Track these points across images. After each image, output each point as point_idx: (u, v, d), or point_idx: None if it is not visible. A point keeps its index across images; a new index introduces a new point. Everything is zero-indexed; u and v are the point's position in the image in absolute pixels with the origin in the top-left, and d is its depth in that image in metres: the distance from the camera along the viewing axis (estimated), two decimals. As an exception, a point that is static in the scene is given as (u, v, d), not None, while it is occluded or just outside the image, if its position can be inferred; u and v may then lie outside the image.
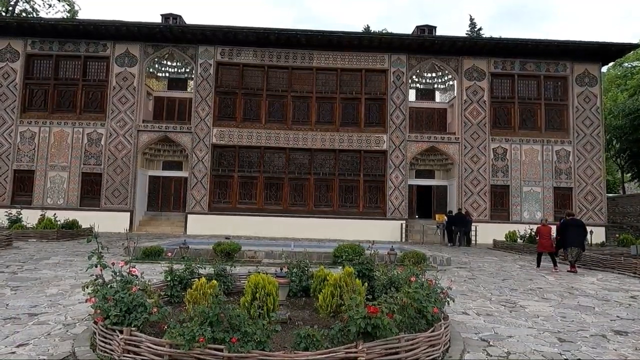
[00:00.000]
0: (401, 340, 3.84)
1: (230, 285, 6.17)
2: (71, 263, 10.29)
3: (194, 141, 21.51)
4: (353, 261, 6.32)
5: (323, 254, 11.60)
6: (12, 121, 21.19)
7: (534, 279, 9.98)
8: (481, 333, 5.33)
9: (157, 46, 21.95)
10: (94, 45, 21.80)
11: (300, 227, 20.45)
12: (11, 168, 20.99)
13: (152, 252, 11.11)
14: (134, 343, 3.73)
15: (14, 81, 21.43)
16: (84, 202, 20.99)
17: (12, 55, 21.59)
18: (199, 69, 21.90)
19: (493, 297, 7.75)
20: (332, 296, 4.97)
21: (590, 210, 21.36)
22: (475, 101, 22.05)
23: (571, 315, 6.47)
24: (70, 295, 6.78)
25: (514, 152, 21.86)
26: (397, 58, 22.14)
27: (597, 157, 21.84)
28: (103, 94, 21.79)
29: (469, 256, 14.77)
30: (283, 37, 21.47)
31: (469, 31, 44.54)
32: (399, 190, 21.51)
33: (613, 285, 9.47)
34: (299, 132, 21.85)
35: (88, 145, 21.29)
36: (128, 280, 4.34)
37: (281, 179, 21.84)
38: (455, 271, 10.91)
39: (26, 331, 4.88)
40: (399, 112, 21.92)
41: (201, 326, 3.52)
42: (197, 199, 21.18)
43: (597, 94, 22.20)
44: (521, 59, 22.30)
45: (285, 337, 4.23)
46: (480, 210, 21.34)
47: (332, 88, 22.32)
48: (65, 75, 21.95)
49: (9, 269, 9.18)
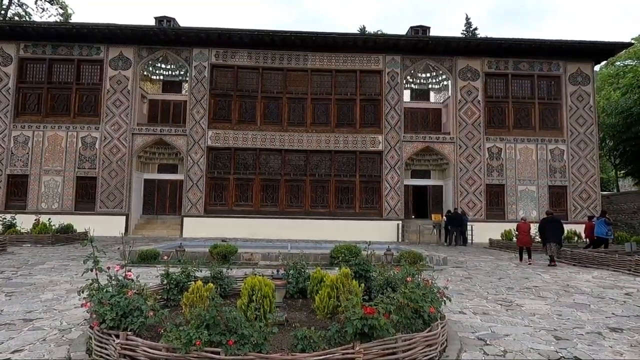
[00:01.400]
0: (398, 340, 3.84)
1: (227, 287, 6.17)
2: (66, 268, 10.22)
3: (189, 144, 21.46)
4: (350, 262, 6.32)
5: (320, 255, 11.59)
6: (5, 125, 21.05)
7: (530, 278, 10.03)
8: (478, 332, 5.35)
9: (151, 49, 21.89)
10: (88, 48, 21.72)
11: (296, 229, 20.45)
12: (5, 173, 20.84)
13: (148, 256, 11.05)
14: (130, 347, 3.71)
15: (7, 85, 21.29)
16: (78, 206, 20.87)
17: (4, 59, 21.46)
18: (193, 72, 21.86)
19: (489, 296, 7.78)
20: (329, 297, 4.97)
21: (585, 208, 21.48)
22: (470, 101, 22.14)
23: (567, 313, 6.51)
24: (66, 300, 6.74)
25: (508, 151, 21.96)
26: (392, 59, 22.21)
27: (591, 156, 21.98)
28: (97, 97, 21.69)
29: (465, 255, 14.82)
30: (278, 38, 21.48)
31: (464, 31, 44.70)
32: (395, 190, 21.56)
33: (608, 282, 9.53)
34: (295, 134, 21.85)
35: (82, 149, 21.19)
36: (124, 284, 4.32)
37: (277, 180, 21.83)
38: (451, 270, 10.95)
39: (21, 337, 4.85)
40: (394, 113, 21.98)
41: (198, 329, 3.51)
42: (193, 201, 21.12)
43: (590, 92, 22.36)
44: (515, 59, 22.42)
45: (282, 338, 4.23)
46: (476, 209, 21.42)
47: (328, 89, 22.34)
48: (58, 79, 21.84)
49: (4, 274, 9.11)
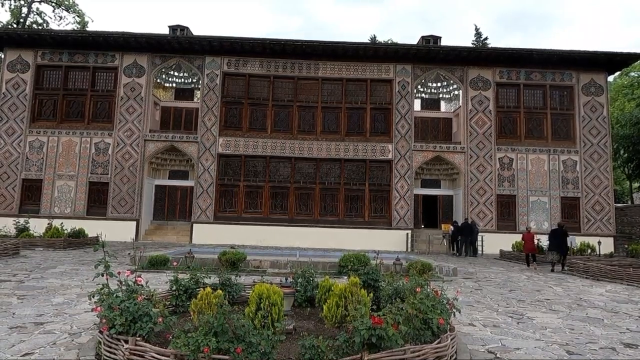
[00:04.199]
0: (407, 351, 3.80)
1: (235, 294, 6.17)
2: (77, 272, 10.33)
3: (200, 150, 21.65)
4: (358, 271, 6.30)
5: (328, 264, 11.56)
6: (21, 131, 21.47)
7: (542, 290, 9.87)
8: (488, 345, 5.27)
9: (164, 57, 22.23)
10: (103, 56, 22.14)
11: (305, 236, 20.43)
12: (20, 177, 21.21)
13: (157, 261, 11.12)
14: (139, 353, 3.73)
15: (24, 91, 21.76)
16: (90, 211, 21.13)
17: (22, 66, 21.95)
18: (205, 79, 22.12)
19: (500, 308, 7.67)
20: (337, 306, 4.95)
21: (598, 220, 21.14)
22: (481, 110, 22.04)
23: (580, 327, 6.38)
24: (76, 305, 6.80)
25: (520, 162, 21.76)
26: (403, 68, 22.24)
27: (605, 167, 21.67)
28: (111, 104, 22.05)
29: (475, 266, 14.65)
30: (289, 47, 21.67)
31: (474, 41, 44.65)
32: (404, 199, 21.46)
33: (622, 296, 9.33)
34: (305, 142, 21.93)
35: (95, 155, 21.50)
36: (134, 290, 4.35)
37: (287, 188, 21.88)
38: (461, 282, 10.82)
39: (32, 340, 4.89)
40: (404, 122, 21.96)
41: (206, 336, 3.52)
42: (203, 208, 21.25)
43: (603, 103, 22.12)
44: (527, 69, 22.31)
45: (290, 347, 4.21)
46: (486, 220, 21.20)
47: (338, 98, 22.43)
48: (74, 86, 22.26)
49: (16, 277, 9.23)
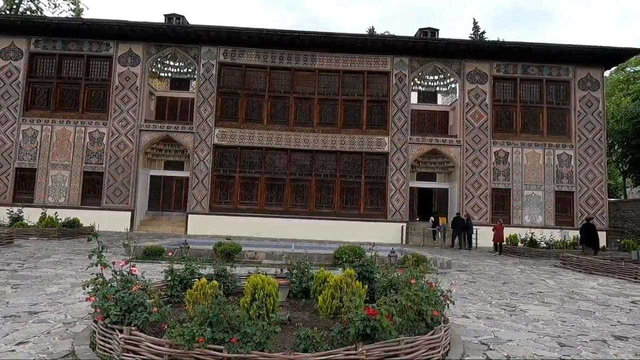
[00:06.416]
0: (401, 342, 3.83)
1: (231, 285, 6.18)
2: (72, 262, 10.30)
3: (196, 141, 21.54)
4: (353, 263, 6.32)
5: (324, 256, 11.60)
6: (14, 119, 21.24)
7: (535, 283, 9.96)
8: (481, 336, 5.32)
9: (160, 46, 21.99)
10: (98, 44, 21.87)
11: (301, 229, 20.44)
12: (13, 166, 21.03)
13: (152, 252, 11.12)
14: (133, 342, 3.74)
15: (17, 79, 21.49)
16: (85, 201, 21.02)
17: (15, 53, 21.66)
18: (201, 70, 21.94)
19: (493, 300, 7.74)
20: (332, 298, 4.98)
21: (592, 214, 21.27)
22: (477, 104, 22.04)
23: (571, 319, 6.46)
24: (71, 294, 6.79)
25: (515, 156, 21.83)
26: (400, 60, 22.16)
27: (599, 162, 21.79)
28: (105, 93, 21.84)
29: (469, 259, 14.76)
30: (286, 38, 21.50)
31: (472, 34, 44.58)
32: (400, 192, 21.51)
33: (614, 290, 9.44)
34: (301, 134, 21.86)
35: (90, 144, 21.33)
36: (128, 280, 4.34)
37: (283, 180, 21.85)
38: (455, 274, 10.90)
39: (26, 329, 4.89)
40: (401, 115, 21.93)
41: (201, 326, 3.52)
42: (199, 199, 21.19)
43: (599, 98, 22.18)
44: (524, 63, 22.27)
45: (285, 338, 4.23)
46: (481, 213, 21.31)
47: (335, 90, 22.34)
48: (68, 74, 22.01)
49: (10, 266, 9.19)
